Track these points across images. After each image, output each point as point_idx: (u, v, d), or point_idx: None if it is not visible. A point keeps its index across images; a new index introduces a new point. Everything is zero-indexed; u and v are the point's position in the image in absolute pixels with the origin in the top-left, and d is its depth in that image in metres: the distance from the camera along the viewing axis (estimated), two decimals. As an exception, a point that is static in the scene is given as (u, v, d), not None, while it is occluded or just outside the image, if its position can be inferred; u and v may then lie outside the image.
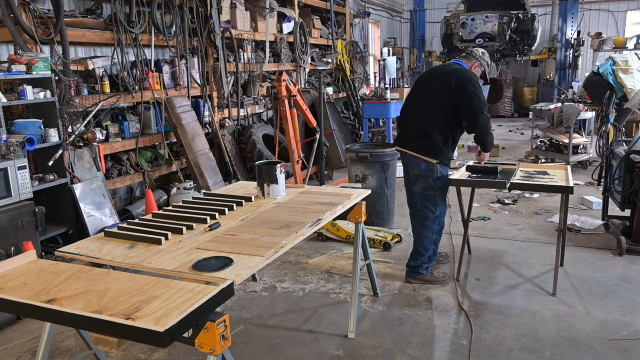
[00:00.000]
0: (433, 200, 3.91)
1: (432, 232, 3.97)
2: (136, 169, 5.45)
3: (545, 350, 3.06)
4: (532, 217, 5.64)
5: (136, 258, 2.31)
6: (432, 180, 3.87)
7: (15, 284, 2.07)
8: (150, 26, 5.50)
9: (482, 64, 4.05)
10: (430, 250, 3.99)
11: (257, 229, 2.65)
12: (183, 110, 5.76)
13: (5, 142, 3.79)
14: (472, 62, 4.03)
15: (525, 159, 8.76)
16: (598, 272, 4.15)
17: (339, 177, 7.64)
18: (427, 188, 3.90)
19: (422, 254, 3.99)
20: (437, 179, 3.87)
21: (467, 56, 4.06)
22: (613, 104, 7.42)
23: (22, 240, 3.65)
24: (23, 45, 4.17)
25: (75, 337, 3.29)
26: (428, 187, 3.89)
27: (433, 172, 3.85)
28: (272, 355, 3.12)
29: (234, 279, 2.01)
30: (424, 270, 4.01)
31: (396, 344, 3.18)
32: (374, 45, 14.98)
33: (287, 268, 4.41)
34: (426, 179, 3.88)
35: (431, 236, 3.97)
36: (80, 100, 4.73)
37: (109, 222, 4.66)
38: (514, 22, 12.87)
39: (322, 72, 8.10)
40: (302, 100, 6.29)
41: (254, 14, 7.32)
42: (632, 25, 14.88)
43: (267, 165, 3.30)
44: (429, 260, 4.01)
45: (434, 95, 3.87)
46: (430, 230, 3.96)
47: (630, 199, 4.46)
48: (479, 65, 4.04)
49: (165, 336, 1.60)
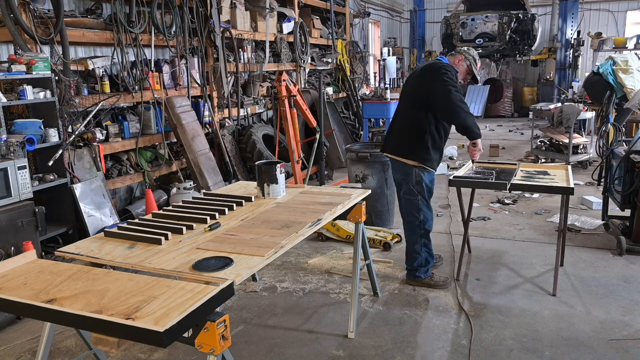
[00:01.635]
0: (415, 204, 3.81)
1: (419, 236, 3.87)
2: (136, 169, 5.45)
3: (545, 350, 3.06)
4: (532, 217, 5.64)
5: (136, 258, 2.31)
6: (411, 185, 3.78)
7: (15, 284, 2.07)
8: (150, 26, 5.50)
9: (466, 57, 3.87)
10: (423, 254, 3.90)
11: (257, 229, 2.65)
12: (183, 110, 5.76)
13: (5, 142, 3.79)
14: (455, 57, 3.89)
15: (525, 159, 8.75)
16: (598, 272, 4.15)
17: (339, 177, 7.64)
18: (407, 192, 3.82)
19: (415, 257, 3.91)
20: (417, 182, 3.76)
21: (452, 54, 3.97)
22: (613, 104, 7.42)
23: (22, 240, 3.65)
24: (23, 45, 4.17)
25: (75, 337, 3.29)
26: (408, 191, 3.82)
27: (411, 175, 3.76)
28: (272, 355, 3.12)
29: (234, 279, 2.01)
30: (423, 273, 3.94)
31: (396, 344, 3.18)
32: (374, 45, 14.98)
33: (287, 268, 4.41)
34: (406, 183, 3.80)
35: (419, 240, 3.87)
36: (80, 100, 4.73)
37: (109, 222, 4.66)
38: (514, 22, 12.87)
39: (322, 72, 8.10)
40: (302, 100, 6.29)
41: (254, 14, 7.32)
42: (632, 25, 14.89)
43: (267, 165, 3.30)
44: (425, 263, 3.93)
45: (410, 94, 3.84)
46: (417, 234, 3.87)
47: (630, 199, 4.46)
48: (464, 59, 3.87)
49: (165, 336, 1.60)
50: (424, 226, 3.86)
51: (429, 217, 3.88)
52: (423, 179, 3.77)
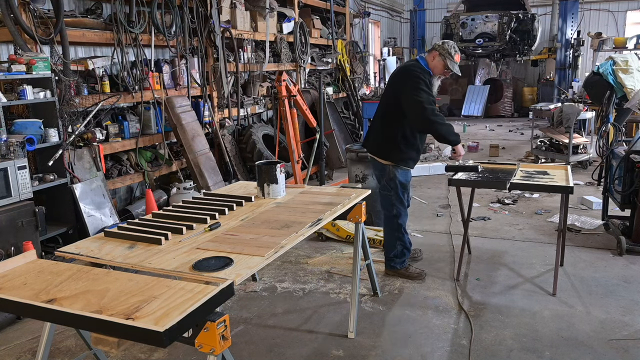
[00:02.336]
0: (388, 199, 3.98)
1: (393, 229, 4.02)
2: (136, 169, 5.45)
3: (545, 350, 3.06)
4: (532, 217, 5.64)
5: (136, 258, 2.31)
6: (385, 181, 3.95)
7: (15, 284, 2.07)
8: (150, 26, 5.50)
9: (440, 53, 3.73)
10: (398, 246, 4.05)
11: (257, 229, 2.65)
12: (183, 110, 5.76)
13: (5, 142, 3.79)
14: (430, 53, 3.81)
15: (525, 159, 8.75)
16: (598, 272, 4.15)
17: (339, 177, 7.64)
18: (383, 187, 4.00)
19: (390, 248, 4.09)
20: (390, 179, 3.91)
21: (428, 50, 3.93)
22: (613, 104, 7.42)
23: (22, 240, 3.65)
24: (23, 45, 4.17)
25: (75, 337, 3.29)
26: (383, 186, 3.99)
27: (385, 172, 3.93)
28: (272, 355, 3.12)
29: (234, 279, 2.01)
30: (399, 264, 4.10)
31: (396, 344, 3.18)
32: (374, 45, 14.98)
33: (287, 268, 4.41)
34: (382, 178, 3.98)
35: (393, 233, 4.03)
36: (80, 100, 4.73)
37: (109, 222, 4.66)
38: (514, 22, 12.87)
39: (322, 72, 8.10)
40: (302, 100, 6.29)
41: (254, 14, 7.32)
42: (632, 25, 14.89)
43: (267, 165, 3.30)
44: (401, 254, 4.08)
45: (385, 94, 3.96)
46: (391, 227, 4.04)
47: (630, 199, 4.46)
48: (438, 55, 3.74)
49: (165, 336, 1.60)
50: (397, 220, 4.01)
51: (402, 213, 4.02)
52: (397, 176, 3.90)
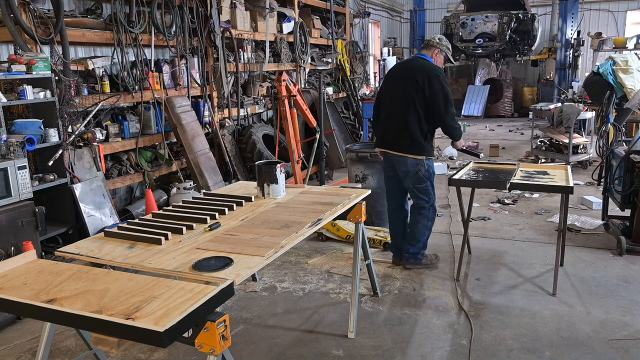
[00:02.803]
0: (425, 191, 4.15)
1: (428, 219, 4.22)
2: (136, 169, 5.45)
3: (545, 350, 3.06)
4: (532, 217, 5.64)
5: (136, 258, 2.31)
6: (421, 174, 4.10)
7: (15, 284, 2.07)
8: (150, 26, 5.50)
9: (441, 49, 4.15)
10: (425, 236, 4.26)
11: (257, 229, 2.66)
12: (183, 110, 5.76)
13: (5, 142, 3.79)
14: (432, 51, 4.16)
15: (525, 159, 8.75)
16: (598, 272, 4.15)
17: (339, 177, 7.64)
18: (417, 182, 4.13)
19: (419, 240, 4.23)
20: (426, 171, 4.10)
21: (426, 47, 4.20)
22: (613, 104, 7.42)
23: (22, 240, 3.65)
24: (23, 45, 4.16)
25: (75, 337, 3.29)
26: (418, 180, 4.13)
27: (421, 166, 4.08)
28: (272, 355, 3.12)
29: (234, 279, 2.01)
30: (422, 256, 4.27)
31: (396, 344, 3.18)
32: (374, 45, 14.98)
33: (287, 268, 4.41)
34: (415, 174, 4.10)
35: (427, 223, 4.22)
36: (80, 100, 4.73)
37: (109, 222, 4.66)
38: (514, 22, 12.87)
39: (322, 72, 8.10)
40: (302, 100, 6.29)
41: (254, 14, 7.32)
42: (632, 25, 14.88)
43: (267, 165, 3.30)
44: (424, 246, 4.28)
45: (405, 93, 4.03)
46: (427, 217, 4.21)
47: (630, 199, 4.46)
48: (440, 52, 4.16)
49: (165, 336, 1.60)
50: (433, 208, 4.23)
51: (435, 198, 4.27)
52: (430, 167, 4.15)
